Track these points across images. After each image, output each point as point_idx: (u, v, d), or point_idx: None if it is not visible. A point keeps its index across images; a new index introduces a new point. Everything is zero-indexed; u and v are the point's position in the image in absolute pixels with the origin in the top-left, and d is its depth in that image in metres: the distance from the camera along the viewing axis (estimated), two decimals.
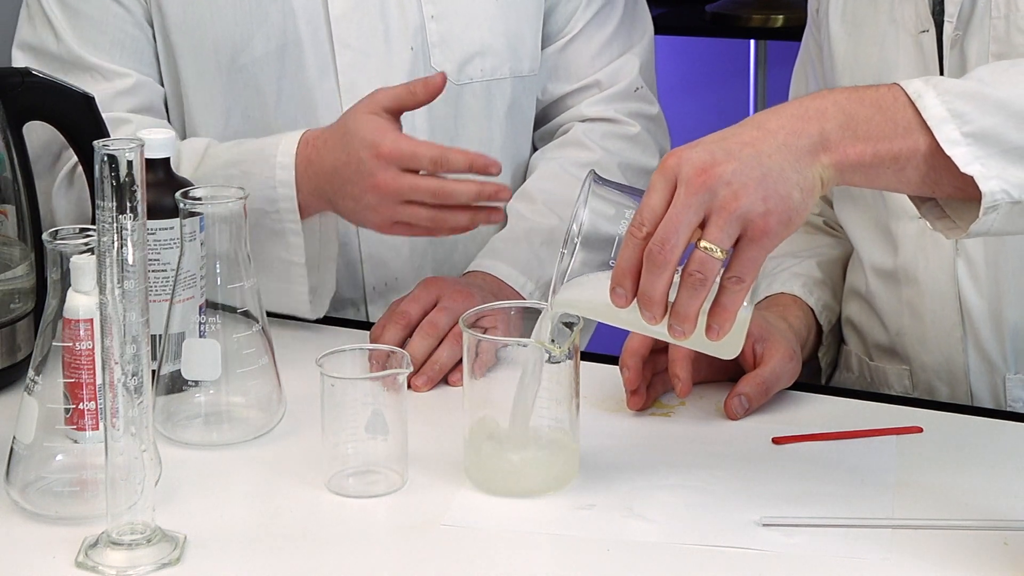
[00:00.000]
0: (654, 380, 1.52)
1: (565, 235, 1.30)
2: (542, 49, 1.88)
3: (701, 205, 1.23)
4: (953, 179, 1.26)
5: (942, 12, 1.56)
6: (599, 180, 1.31)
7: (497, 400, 1.35)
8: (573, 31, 1.88)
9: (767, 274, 1.74)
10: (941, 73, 1.56)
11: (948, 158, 1.25)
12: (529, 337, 1.34)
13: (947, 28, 1.55)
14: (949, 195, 1.29)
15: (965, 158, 1.25)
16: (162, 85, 1.81)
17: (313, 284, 1.70)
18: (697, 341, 1.28)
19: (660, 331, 1.28)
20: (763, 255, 1.25)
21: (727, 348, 1.31)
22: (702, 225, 1.23)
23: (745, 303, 1.28)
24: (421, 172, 1.58)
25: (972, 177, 1.25)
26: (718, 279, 1.25)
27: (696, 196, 1.23)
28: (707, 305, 1.26)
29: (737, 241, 1.24)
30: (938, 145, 1.25)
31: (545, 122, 1.92)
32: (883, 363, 1.69)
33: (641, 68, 1.91)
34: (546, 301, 1.33)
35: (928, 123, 1.25)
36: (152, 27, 1.79)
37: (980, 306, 1.59)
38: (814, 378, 1.75)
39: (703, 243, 1.23)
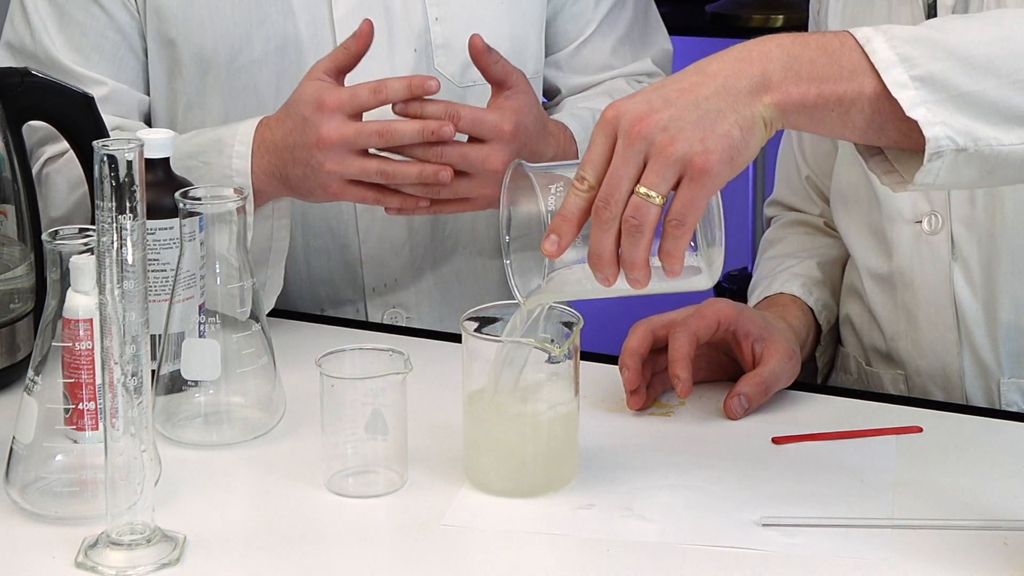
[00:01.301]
0: (654, 380, 1.52)
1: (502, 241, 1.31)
2: (555, 53, 1.89)
3: (639, 154, 1.22)
4: (899, 124, 1.24)
5: (933, 13, 1.56)
6: (521, 166, 1.31)
7: (496, 399, 1.35)
8: (584, 34, 1.89)
9: (766, 275, 1.74)
10: None
11: (895, 102, 1.23)
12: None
13: None
14: (895, 143, 1.27)
15: (912, 100, 1.23)
16: (146, 93, 1.80)
17: (260, 280, 1.68)
18: (667, 285, 1.28)
19: (624, 287, 1.27)
20: (703, 195, 1.23)
21: (698, 280, 1.30)
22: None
23: (705, 243, 1.27)
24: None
25: (917, 123, 1.22)
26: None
27: (634, 147, 1.22)
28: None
29: (679, 185, 1.23)
30: (885, 88, 1.23)
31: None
32: (879, 368, 1.69)
33: (664, 69, 1.94)
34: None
35: (876, 66, 1.24)
36: (142, 33, 1.78)
37: (975, 310, 1.59)
38: (812, 378, 1.75)
39: (639, 188, 1.22)
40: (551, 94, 1.94)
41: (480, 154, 1.61)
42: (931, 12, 1.56)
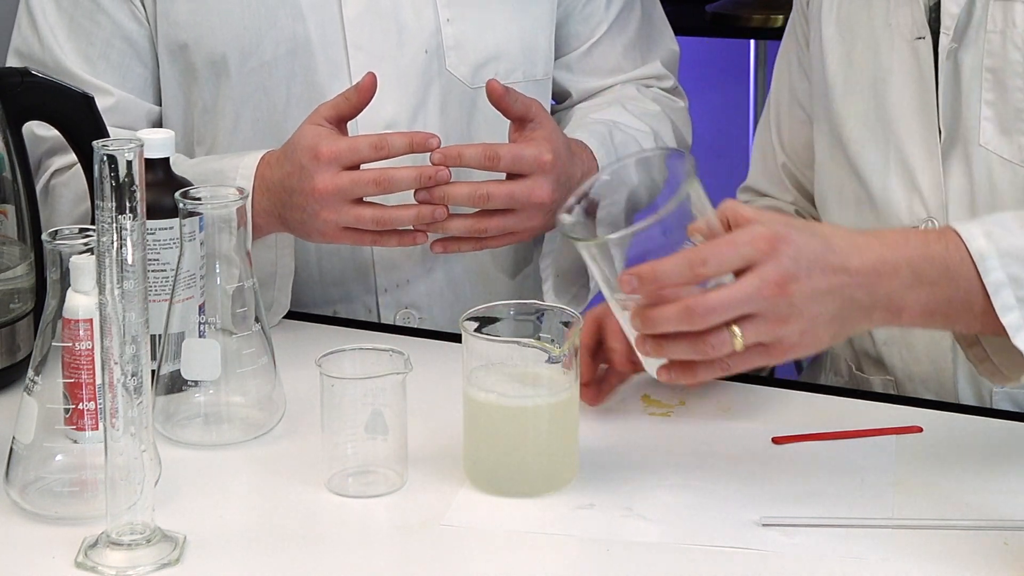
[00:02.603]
0: (607, 374, 1.52)
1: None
2: (566, 55, 1.89)
3: (757, 306, 1.26)
4: (1001, 328, 1.31)
5: (938, 20, 1.56)
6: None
7: (493, 397, 1.35)
8: (596, 35, 1.89)
9: None
10: (936, 82, 1.56)
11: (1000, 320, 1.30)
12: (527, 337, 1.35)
13: (943, 39, 1.54)
14: (993, 333, 1.33)
15: (1017, 325, 1.31)
16: (157, 103, 1.81)
17: (266, 301, 1.69)
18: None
19: (629, 329, 1.30)
20: (762, 364, 1.30)
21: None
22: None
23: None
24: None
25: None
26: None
27: (760, 299, 1.26)
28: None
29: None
30: (992, 306, 1.30)
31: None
32: (869, 372, 1.69)
33: (671, 71, 1.94)
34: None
35: (987, 288, 1.31)
36: (151, 42, 1.78)
37: None
38: (810, 377, 1.75)
39: (735, 328, 1.26)
40: (561, 97, 1.94)
41: (524, 189, 1.63)
42: (932, 14, 1.56)
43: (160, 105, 1.81)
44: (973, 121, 1.54)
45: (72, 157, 1.72)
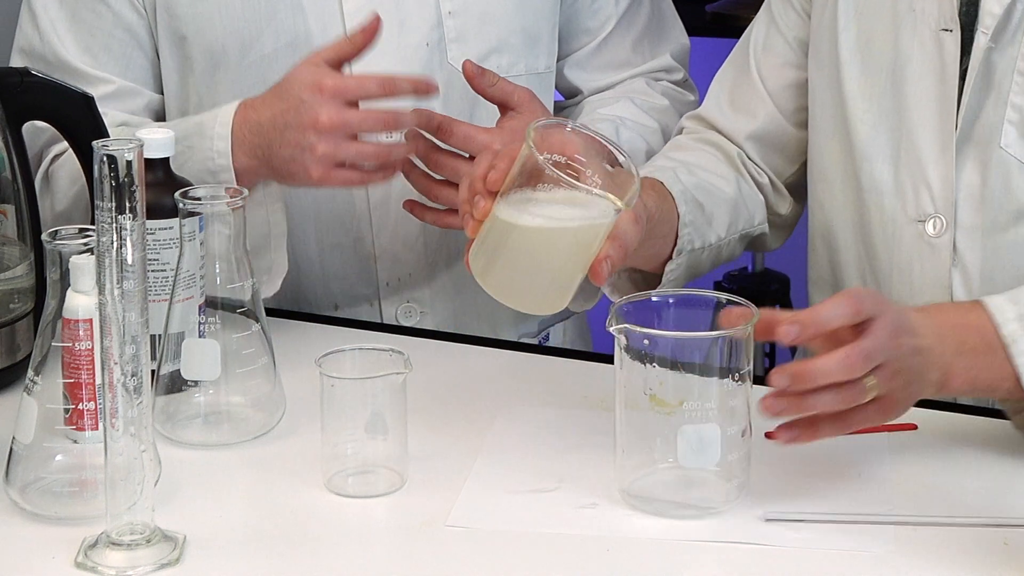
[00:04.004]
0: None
1: None
2: (576, 51, 1.89)
3: (886, 355, 1.30)
4: None
5: (967, 15, 1.54)
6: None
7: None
8: (606, 30, 1.89)
9: (650, 164, 1.70)
10: (962, 78, 1.54)
11: None
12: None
13: (980, 38, 1.52)
14: None
15: None
16: (159, 92, 1.81)
17: (264, 265, 1.69)
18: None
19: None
20: (876, 421, 1.34)
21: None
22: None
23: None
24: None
25: None
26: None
27: (888, 349, 1.30)
28: None
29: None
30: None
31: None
32: None
33: (682, 64, 1.94)
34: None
35: (1016, 370, 1.36)
36: (151, 32, 1.78)
37: None
38: None
39: (872, 380, 1.30)
40: (571, 94, 1.93)
41: (468, 170, 1.61)
42: (964, 8, 1.54)
43: (162, 94, 1.81)
44: (996, 122, 1.53)
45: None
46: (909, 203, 1.59)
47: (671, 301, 1.36)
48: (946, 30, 1.55)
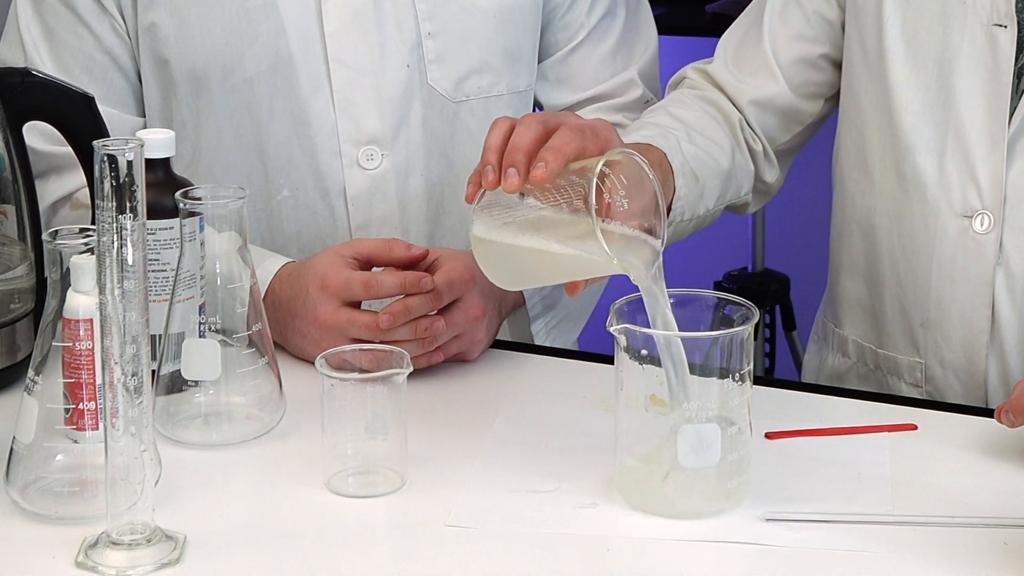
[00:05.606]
0: None
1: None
2: (543, 60, 1.87)
3: None
4: None
5: (1021, 11, 1.53)
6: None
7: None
8: (575, 41, 1.86)
9: (649, 124, 1.67)
10: (1017, 78, 1.53)
11: None
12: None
13: None
14: None
15: None
16: (141, 116, 1.80)
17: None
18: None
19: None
20: None
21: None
22: None
23: None
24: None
25: None
26: None
27: None
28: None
29: None
30: None
31: None
32: (897, 352, 1.66)
33: (647, 80, 1.89)
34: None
35: None
36: (133, 56, 1.77)
37: (1011, 320, 1.57)
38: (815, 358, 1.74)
39: None
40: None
41: (461, 313, 1.59)
42: (1020, 5, 1.53)
43: (144, 117, 1.81)
44: None
45: (69, 185, 1.73)
46: (955, 197, 1.58)
47: (671, 301, 1.36)
48: (1000, 25, 1.54)
